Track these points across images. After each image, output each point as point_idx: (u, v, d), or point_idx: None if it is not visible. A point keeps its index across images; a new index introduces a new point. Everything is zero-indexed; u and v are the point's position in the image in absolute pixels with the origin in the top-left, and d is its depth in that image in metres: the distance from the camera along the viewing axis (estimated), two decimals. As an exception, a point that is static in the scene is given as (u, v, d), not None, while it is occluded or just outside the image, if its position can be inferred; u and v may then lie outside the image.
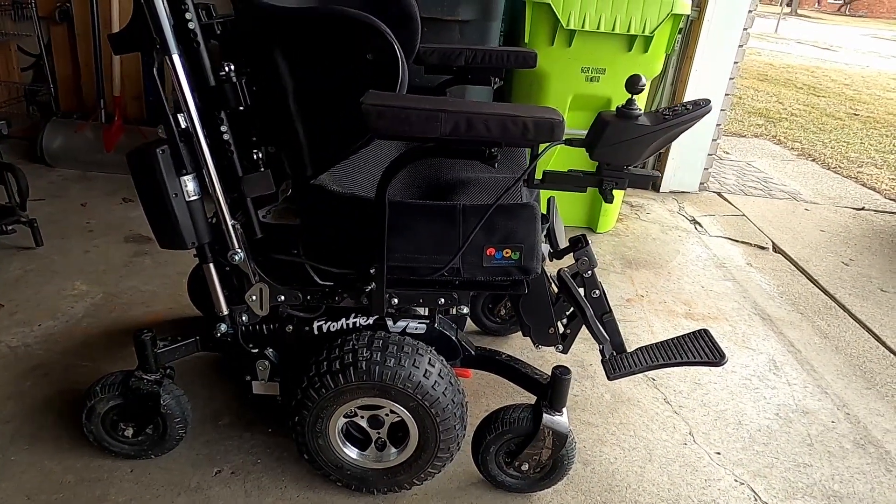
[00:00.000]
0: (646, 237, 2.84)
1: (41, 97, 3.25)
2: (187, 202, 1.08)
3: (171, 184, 1.05)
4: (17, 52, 3.22)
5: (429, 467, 1.32)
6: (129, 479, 1.36)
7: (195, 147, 1.05)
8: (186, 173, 1.06)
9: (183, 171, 1.05)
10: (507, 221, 1.17)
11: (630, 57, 2.45)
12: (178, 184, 1.06)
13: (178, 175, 1.06)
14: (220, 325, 1.25)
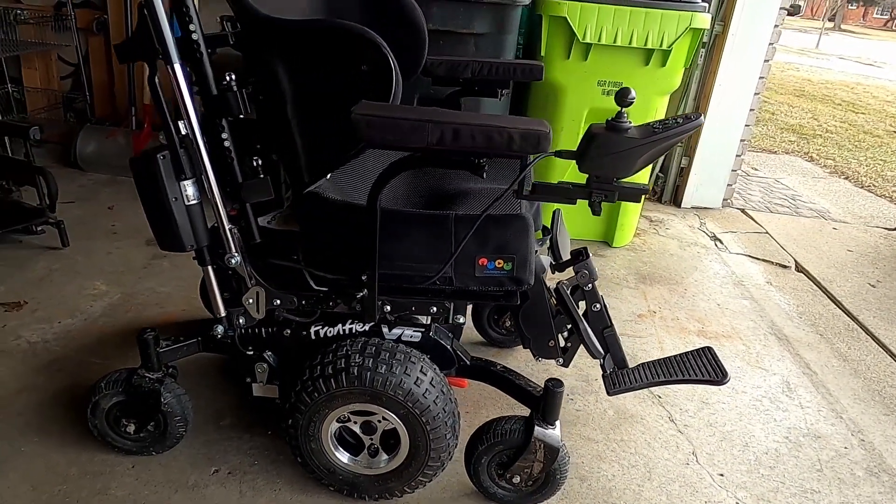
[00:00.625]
0: (663, 253, 2.80)
1: (77, 104, 3.39)
2: (186, 206, 1.12)
3: (171, 188, 1.09)
4: (58, 61, 3.37)
5: (419, 475, 1.32)
6: (130, 475, 1.39)
7: (195, 153, 1.08)
8: (186, 178, 1.10)
9: (182, 176, 1.09)
10: (500, 232, 1.17)
11: (647, 71, 2.43)
12: (178, 188, 1.10)
13: (178, 180, 1.09)
14: (218, 327, 1.28)
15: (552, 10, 2.32)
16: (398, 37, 1.54)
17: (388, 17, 1.53)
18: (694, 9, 2.34)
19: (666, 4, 2.32)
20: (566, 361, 1.58)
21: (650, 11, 2.31)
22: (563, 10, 2.30)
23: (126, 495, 1.35)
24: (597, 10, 2.30)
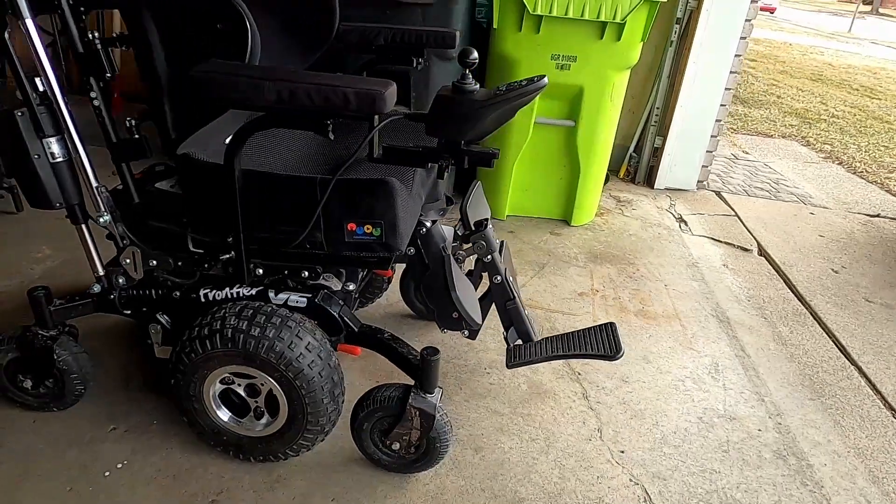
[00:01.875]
0: (622, 233, 2.76)
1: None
2: (52, 163, 1.13)
3: (33, 145, 1.10)
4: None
5: (300, 439, 1.33)
6: (29, 430, 1.43)
7: (55, 111, 1.09)
8: (47, 136, 1.11)
9: (43, 134, 1.10)
10: (366, 197, 1.16)
11: (602, 45, 2.38)
12: (41, 146, 1.11)
13: (40, 137, 1.10)
14: (94, 286, 1.30)
15: (502, -19, 2.27)
16: (310, 5, 1.53)
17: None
18: (649, -19, 2.27)
19: (619, -25, 2.26)
20: (472, 334, 1.58)
21: (602, -17, 2.25)
22: (513, -20, 2.25)
23: (22, 448, 1.39)
24: (547, -19, 2.25)
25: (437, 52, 2.33)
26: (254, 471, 1.38)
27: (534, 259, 2.45)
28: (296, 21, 1.56)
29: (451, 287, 1.34)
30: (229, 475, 1.37)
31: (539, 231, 2.70)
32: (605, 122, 2.56)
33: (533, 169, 2.68)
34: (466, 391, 1.70)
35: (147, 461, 1.39)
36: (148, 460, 1.39)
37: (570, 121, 2.55)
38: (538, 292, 2.22)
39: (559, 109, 2.55)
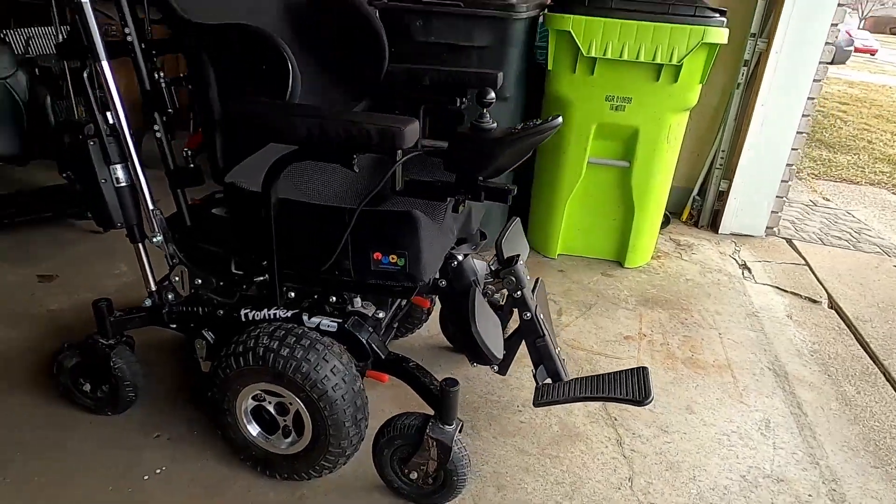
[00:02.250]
0: (678, 277, 2.67)
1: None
2: (116, 188, 1.26)
3: (101, 171, 1.24)
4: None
5: (322, 460, 1.37)
6: (85, 430, 1.56)
7: (122, 142, 1.22)
8: (114, 163, 1.24)
9: (110, 161, 1.23)
10: (392, 228, 1.21)
11: (659, 86, 2.36)
12: (108, 171, 1.24)
13: (107, 164, 1.24)
14: (146, 301, 1.41)
15: (557, 24, 2.31)
16: (361, 46, 1.63)
17: (349, 27, 1.63)
18: (707, 23, 2.24)
19: (676, 19, 2.25)
20: (502, 369, 1.58)
21: (658, 26, 2.25)
22: (568, 24, 2.29)
23: (76, 447, 1.51)
24: (602, 25, 2.27)
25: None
26: (279, 488, 1.43)
27: (581, 299, 2.42)
28: (347, 63, 1.67)
29: (470, 320, 1.35)
30: (255, 490, 1.42)
31: (590, 271, 2.66)
32: (661, 164, 2.52)
33: (586, 208, 2.67)
34: (496, 427, 1.68)
35: (183, 469, 1.47)
36: (184, 468, 1.47)
37: (625, 161, 2.53)
38: (582, 333, 2.18)
39: (613, 150, 2.54)
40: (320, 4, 1.62)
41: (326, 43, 1.64)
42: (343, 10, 1.61)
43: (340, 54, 1.66)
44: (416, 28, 2.30)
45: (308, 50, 1.64)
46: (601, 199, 2.64)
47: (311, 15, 1.63)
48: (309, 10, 1.62)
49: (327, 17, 1.63)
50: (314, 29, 1.63)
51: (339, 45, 1.63)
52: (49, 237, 2.57)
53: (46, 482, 1.41)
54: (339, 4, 1.61)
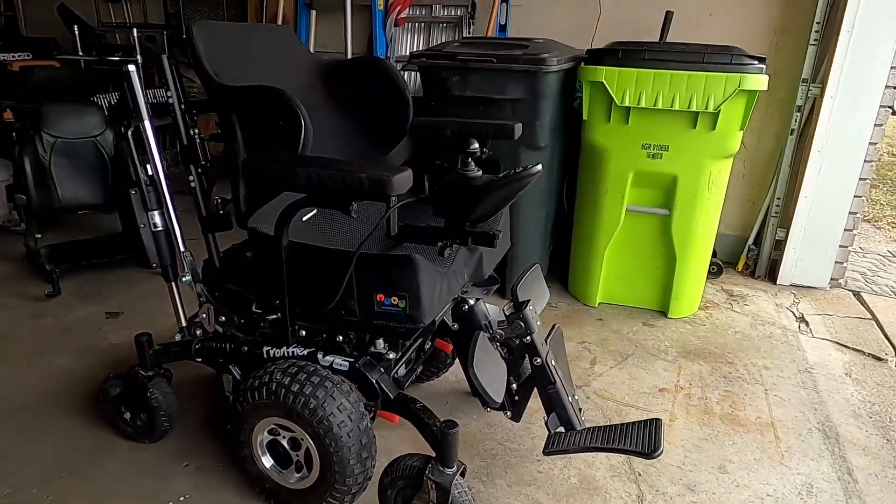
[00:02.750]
0: (726, 329, 2.55)
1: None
2: (153, 231, 1.40)
3: (140, 216, 1.38)
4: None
5: (329, 497, 1.41)
6: (123, 456, 1.68)
7: (159, 191, 1.37)
8: (151, 210, 1.38)
9: (148, 209, 1.38)
10: (392, 271, 1.27)
11: (696, 134, 2.33)
12: (146, 217, 1.39)
13: (146, 210, 1.38)
14: (177, 335, 1.53)
15: (590, 76, 2.36)
16: (387, 102, 1.75)
17: (377, 86, 1.75)
18: (744, 70, 2.22)
19: (711, 67, 2.24)
20: (515, 414, 1.58)
21: (693, 74, 2.25)
22: (600, 75, 2.33)
23: (114, 470, 1.63)
24: (635, 75, 2.30)
25: (526, 143, 2.45)
26: (289, 522, 1.47)
27: (618, 349, 2.36)
28: (375, 117, 1.78)
29: (469, 361, 1.37)
30: (267, 523, 1.47)
31: (631, 320, 2.60)
32: (702, 212, 2.46)
33: (627, 257, 2.63)
34: (512, 476, 1.66)
35: (204, 498, 1.55)
36: (206, 497, 1.55)
37: (665, 209, 2.49)
38: (615, 384, 2.12)
39: (652, 197, 2.51)
40: (350, 65, 1.75)
41: (356, 100, 1.77)
42: (369, 69, 1.73)
43: (368, 110, 1.77)
44: (452, 83, 2.41)
45: (340, 106, 1.78)
46: (642, 247, 2.59)
47: (343, 74, 1.76)
48: (340, 69, 1.76)
49: (356, 76, 1.76)
50: (346, 87, 1.76)
51: (366, 101, 1.75)
52: (120, 278, 2.82)
53: (83, 502, 1.52)
54: (366, 64, 1.74)
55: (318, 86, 1.74)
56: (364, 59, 1.74)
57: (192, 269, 1.43)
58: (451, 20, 3.37)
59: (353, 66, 1.76)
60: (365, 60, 1.75)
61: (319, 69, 1.76)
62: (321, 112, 1.74)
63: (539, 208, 2.61)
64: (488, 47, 2.43)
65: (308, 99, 1.66)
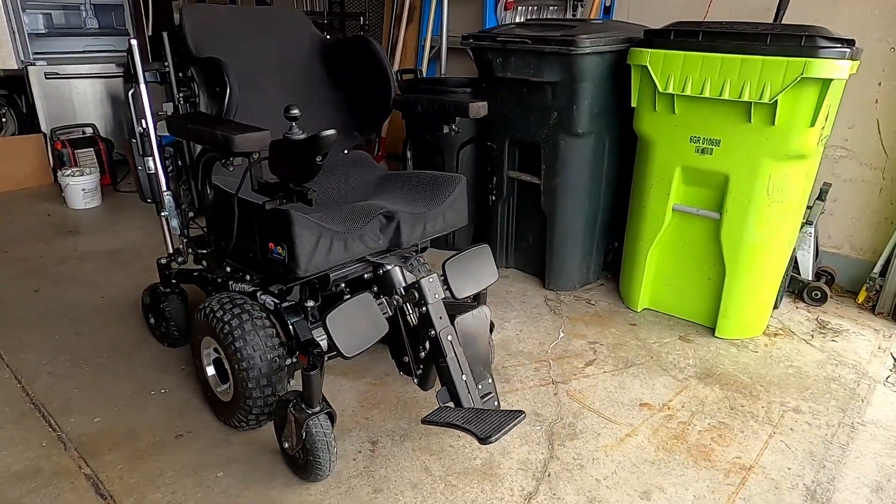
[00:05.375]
0: (780, 362, 2.17)
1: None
2: (147, 174, 1.76)
3: (138, 160, 1.75)
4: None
5: (238, 413, 1.65)
6: (147, 351, 2.12)
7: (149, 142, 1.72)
8: (146, 156, 1.74)
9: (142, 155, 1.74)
10: (273, 222, 1.44)
11: (751, 128, 2.02)
12: (143, 162, 1.75)
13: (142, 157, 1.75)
14: (161, 259, 1.89)
15: (635, 59, 2.17)
16: (372, 80, 1.91)
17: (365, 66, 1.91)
18: (814, 55, 1.85)
19: (772, 49, 1.91)
20: (420, 382, 1.65)
21: (747, 59, 1.94)
22: (645, 58, 2.13)
23: (136, 359, 2.08)
24: (682, 59, 2.06)
25: (565, 128, 2.36)
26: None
27: (627, 356, 2.18)
28: (362, 92, 1.94)
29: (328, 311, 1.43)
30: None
31: (667, 331, 2.36)
32: (759, 220, 2.12)
33: (675, 262, 2.38)
34: (422, 442, 1.72)
35: (177, 394, 1.90)
36: (177, 393, 1.91)
37: (715, 212, 2.20)
38: (595, 388, 1.99)
39: (701, 198, 2.23)
40: (343, 44, 1.93)
41: (348, 76, 1.95)
42: (358, 48, 1.89)
43: (356, 85, 1.94)
44: (496, 65, 2.42)
45: (335, 82, 1.97)
46: (691, 253, 2.33)
47: (338, 53, 1.95)
48: (336, 48, 1.95)
49: (348, 55, 1.93)
50: (340, 65, 1.95)
51: (356, 78, 1.92)
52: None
53: (102, 374, 1.99)
54: (356, 43, 1.90)
55: (316, 64, 1.96)
56: (355, 38, 1.89)
57: (170, 207, 1.76)
58: (558, 3, 3.30)
59: (345, 45, 1.94)
60: (355, 40, 1.91)
61: (321, 48, 1.97)
62: (315, 86, 1.96)
63: (580, 198, 2.49)
64: (537, 28, 2.38)
65: (303, 74, 1.90)
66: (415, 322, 1.58)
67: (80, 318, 2.35)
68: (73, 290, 2.58)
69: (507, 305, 2.55)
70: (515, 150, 2.62)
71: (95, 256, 2.93)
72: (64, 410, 1.83)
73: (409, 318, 1.60)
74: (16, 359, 2.09)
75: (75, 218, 3.48)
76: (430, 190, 1.76)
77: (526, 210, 2.68)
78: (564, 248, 2.57)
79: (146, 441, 1.71)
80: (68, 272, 2.76)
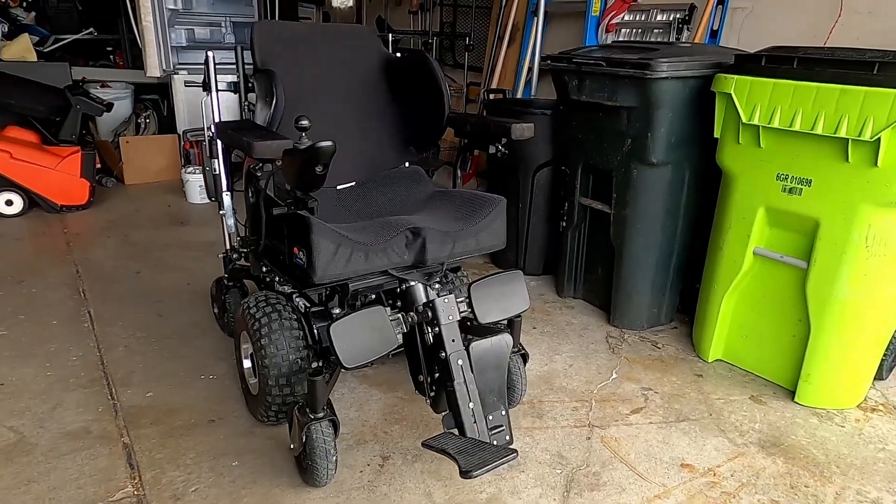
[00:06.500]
0: (871, 443, 1.85)
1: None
2: (213, 175, 1.91)
3: (206, 162, 1.90)
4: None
5: (261, 407, 1.72)
6: (210, 337, 2.29)
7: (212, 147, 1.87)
8: (212, 158, 1.89)
9: (210, 157, 1.89)
10: (296, 229, 1.49)
11: (849, 169, 1.76)
12: (210, 163, 1.90)
13: (211, 158, 1.90)
14: (220, 254, 2.03)
15: (720, 86, 1.98)
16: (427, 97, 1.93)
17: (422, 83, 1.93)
18: (930, 87, 1.58)
19: (879, 80, 1.65)
20: (433, 403, 1.63)
21: (847, 89, 1.69)
22: (730, 85, 1.94)
23: (199, 343, 2.24)
24: (771, 87, 1.85)
25: (638, 156, 2.22)
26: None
27: (682, 409, 1.98)
28: (419, 108, 1.96)
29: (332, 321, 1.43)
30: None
31: (737, 388, 2.11)
32: (855, 274, 1.83)
33: (755, 311, 2.13)
34: (433, 466, 1.68)
35: (223, 381, 2.02)
36: (223, 381, 2.03)
37: (802, 261, 1.94)
38: (635, 439, 1.83)
39: (787, 243, 1.97)
40: (404, 62, 1.97)
41: (407, 92, 1.98)
42: (417, 65, 1.91)
43: (415, 101, 1.96)
44: (572, 87, 2.34)
45: (397, 97, 2.02)
46: (775, 304, 2.07)
47: (400, 70, 1.99)
48: (398, 65, 1.99)
49: (408, 72, 1.96)
50: (401, 81, 1.99)
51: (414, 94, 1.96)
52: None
53: (166, 358, 2.17)
54: (415, 61, 1.93)
55: (379, 79, 2.01)
56: (414, 54, 1.92)
57: (228, 207, 1.89)
58: (661, 25, 3.12)
59: (406, 61, 1.97)
60: (414, 56, 1.93)
61: (385, 64, 2.02)
62: (376, 100, 2.02)
63: (652, 232, 2.32)
64: (618, 51, 2.27)
65: (366, 89, 1.98)
66: (430, 342, 1.55)
67: (164, 300, 2.59)
68: (167, 275, 2.85)
69: (563, 337, 2.43)
70: (589, 177, 2.50)
71: (194, 246, 3.23)
72: (125, 382, 2.02)
73: (427, 338, 1.57)
74: (104, 330, 2.35)
75: (190, 211, 3.86)
76: (468, 209, 1.73)
77: (597, 239, 2.55)
78: (632, 283, 2.40)
79: (182, 420, 1.84)
80: (168, 258, 3.06)
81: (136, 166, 4.32)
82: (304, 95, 1.87)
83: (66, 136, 3.71)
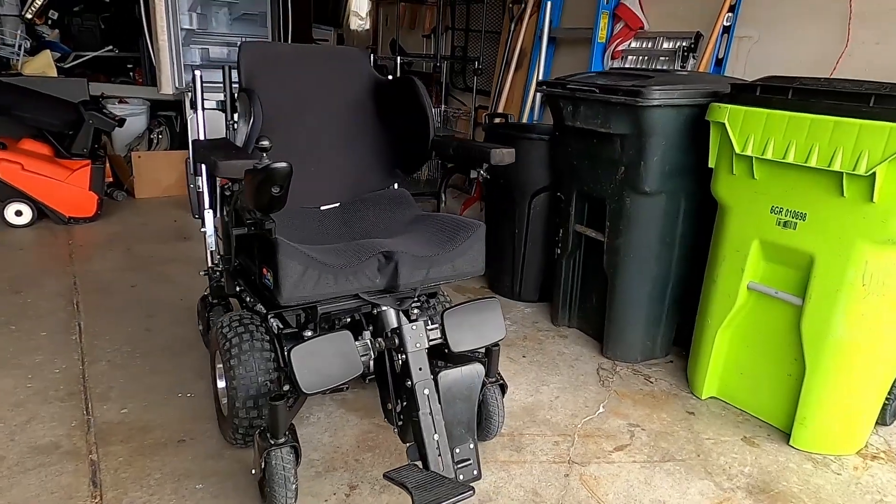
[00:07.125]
0: (869, 493, 1.74)
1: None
2: (197, 192, 1.91)
3: (191, 179, 1.91)
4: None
5: (229, 429, 1.69)
6: (194, 354, 2.27)
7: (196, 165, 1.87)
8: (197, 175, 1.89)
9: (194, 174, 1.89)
10: (264, 249, 1.47)
11: (844, 204, 1.69)
12: (194, 181, 1.90)
13: (195, 175, 1.90)
14: (201, 272, 2.02)
15: (714, 116, 1.93)
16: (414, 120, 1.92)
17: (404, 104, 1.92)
18: (927, 121, 1.51)
19: (875, 112, 1.59)
20: (400, 432, 1.59)
21: (841, 122, 1.63)
22: (724, 115, 1.89)
23: (181, 360, 2.23)
24: (765, 117, 1.80)
25: (631, 184, 2.17)
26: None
27: (668, 448, 1.90)
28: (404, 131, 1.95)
29: (293, 344, 1.40)
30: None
31: (729, 428, 2.02)
32: (850, 314, 1.75)
33: (750, 348, 2.05)
34: (400, 498, 1.62)
35: (203, 398, 2.00)
36: (202, 399, 2.00)
37: (797, 297, 1.86)
38: (615, 479, 1.75)
39: (782, 278, 1.90)
40: (392, 84, 1.97)
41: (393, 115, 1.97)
42: (403, 89, 1.90)
43: (401, 123, 1.95)
44: (566, 113, 2.31)
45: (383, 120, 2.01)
46: (771, 341, 1.99)
47: (386, 92, 1.98)
48: (385, 87, 1.98)
49: (395, 94, 1.95)
50: (388, 103, 1.98)
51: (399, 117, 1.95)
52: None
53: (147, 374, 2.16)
54: (402, 84, 1.92)
55: (367, 100, 2.01)
56: (402, 78, 1.91)
57: (210, 226, 1.89)
58: (667, 53, 3.08)
59: (393, 84, 1.96)
60: (402, 80, 1.92)
61: (374, 86, 2.02)
62: (363, 122, 2.01)
63: (646, 263, 2.25)
64: (614, 77, 2.23)
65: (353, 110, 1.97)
66: (398, 370, 1.51)
67: (155, 315, 2.59)
68: (161, 289, 2.86)
69: (552, 367, 2.36)
70: (584, 204, 2.45)
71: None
72: (103, 397, 2.01)
73: (396, 365, 1.53)
74: (90, 343, 2.35)
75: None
76: (447, 234, 1.70)
77: (592, 268, 2.49)
78: (625, 314, 2.34)
79: (153, 439, 1.81)
80: (166, 272, 3.08)
81: (147, 181, 4.39)
82: (288, 115, 1.87)
83: (78, 150, 3.78)
